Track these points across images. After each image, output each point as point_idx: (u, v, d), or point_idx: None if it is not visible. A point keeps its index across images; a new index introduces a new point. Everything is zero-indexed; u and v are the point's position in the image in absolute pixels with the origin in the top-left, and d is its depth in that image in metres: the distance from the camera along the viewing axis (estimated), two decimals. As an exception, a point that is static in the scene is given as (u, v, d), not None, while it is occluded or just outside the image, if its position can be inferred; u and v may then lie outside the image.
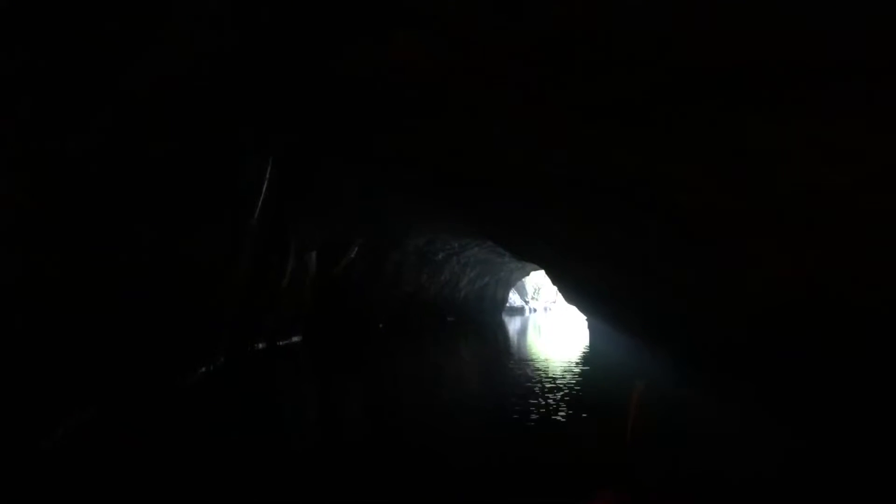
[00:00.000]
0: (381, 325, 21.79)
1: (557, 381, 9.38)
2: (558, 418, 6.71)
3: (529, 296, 53.16)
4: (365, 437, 6.07)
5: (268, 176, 9.26)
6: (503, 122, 7.06)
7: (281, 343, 14.09)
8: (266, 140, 8.43)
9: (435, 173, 11.85)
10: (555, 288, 52.51)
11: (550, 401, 7.76)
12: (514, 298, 47.98)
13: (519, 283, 47.73)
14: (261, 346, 12.91)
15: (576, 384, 9.27)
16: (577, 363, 12.43)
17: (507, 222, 14.53)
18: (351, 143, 10.90)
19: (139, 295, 6.03)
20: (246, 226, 8.92)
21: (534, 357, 13.41)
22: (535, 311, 52.21)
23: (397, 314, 23.24)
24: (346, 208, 16.25)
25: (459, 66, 5.85)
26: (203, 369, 8.59)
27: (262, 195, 9.29)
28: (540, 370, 10.78)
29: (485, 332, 24.12)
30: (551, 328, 27.49)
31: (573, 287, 20.34)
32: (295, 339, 15.08)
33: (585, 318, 29.36)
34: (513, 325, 30.71)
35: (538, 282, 52.88)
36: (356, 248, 19.15)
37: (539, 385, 9.02)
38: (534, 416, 6.74)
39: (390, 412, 7.40)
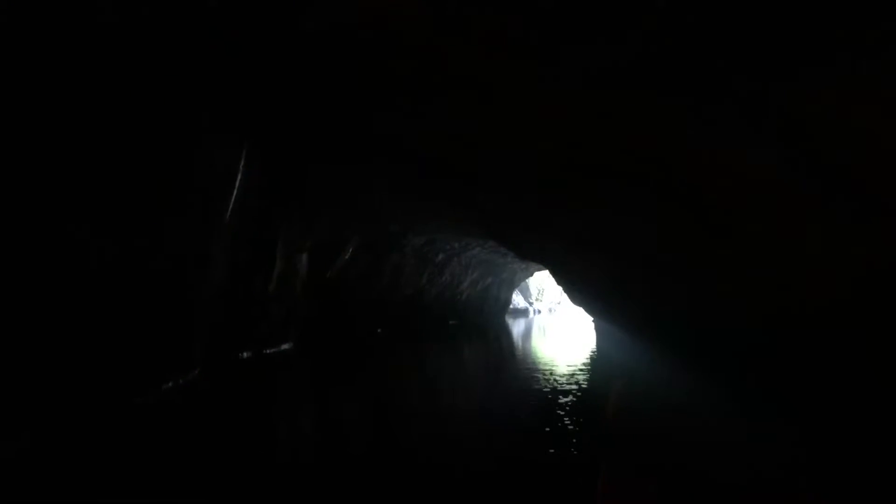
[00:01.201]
0: (379, 330, 20.89)
1: (566, 391, 8.46)
2: (570, 439, 5.81)
3: (533, 297, 52.19)
4: (351, 468, 5.14)
5: (242, 167, 8.34)
6: (504, 100, 6.14)
7: (269, 351, 13.18)
8: (235, 124, 7.50)
9: (432, 165, 10.95)
10: (559, 288, 51.56)
11: (561, 418, 6.85)
12: (517, 300, 47.02)
13: (522, 284, 46.78)
14: (246, 354, 12.00)
15: (585, 394, 8.35)
16: (584, 369, 11.49)
17: (509, 218, 13.62)
18: (340, 130, 9.97)
19: (74, 302, 5.12)
20: (218, 223, 8.01)
21: (540, 363, 12.48)
22: (539, 312, 51.24)
23: (396, 318, 22.33)
24: (340, 207, 15.33)
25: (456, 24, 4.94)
26: (170, 384, 7.67)
27: (237, 189, 8.37)
28: (547, 379, 9.86)
29: (488, 336, 23.23)
30: (556, 331, 26.55)
31: (580, 287, 19.41)
32: (285, 346, 14.17)
33: (592, 319, 28.42)
34: (517, 327, 29.79)
35: (542, 282, 51.93)
36: (351, 250, 18.24)
37: (547, 396, 8.11)
38: (544, 434, 5.86)
39: (385, 431, 6.47)
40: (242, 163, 8.37)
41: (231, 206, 8.39)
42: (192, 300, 7.77)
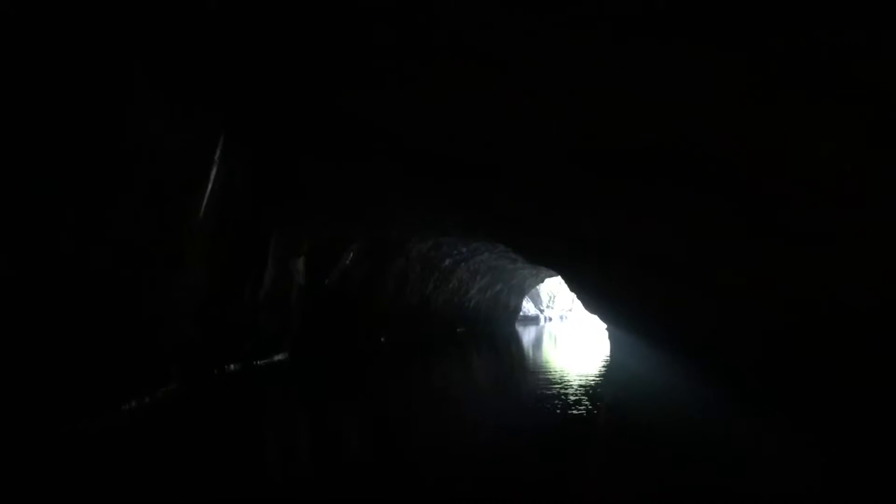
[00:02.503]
0: (382, 339, 19.94)
1: (581, 409, 7.45)
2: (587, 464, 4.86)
3: (544, 304, 51.02)
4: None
5: (218, 158, 7.44)
6: (504, 67, 5.19)
7: (260, 363, 12.27)
8: (202, 107, 6.57)
9: (432, 162, 10.03)
10: (571, 295, 50.29)
11: (573, 445, 5.87)
12: (527, 307, 45.91)
13: (533, 291, 45.65)
14: (234, 367, 11.09)
15: (600, 411, 7.37)
16: (600, 382, 10.48)
17: (518, 221, 12.65)
18: (333, 122, 9.04)
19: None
20: (188, 222, 7.09)
21: (553, 375, 11.45)
22: (550, 319, 50.07)
23: (401, 326, 21.36)
24: (339, 209, 14.41)
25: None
26: (132, 403, 6.75)
27: (212, 183, 7.47)
28: (561, 393, 8.84)
29: (498, 345, 22.27)
30: (569, 339, 25.49)
31: (594, 294, 18.38)
32: (279, 357, 13.26)
33: (606, 326, 27.33)
34: (527, 335, 28.77)
35: (553, 289, 50.78)
36: (352, 255, 17.34)
37: (561, 413, 7.13)
38: (558, 459, 4.90)
39: (375, 461, 5.51)
40: (218, 153, 7.47)
41: (205, 203, 7.49)
42: (157, 308, 6.86)
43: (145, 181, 5.90)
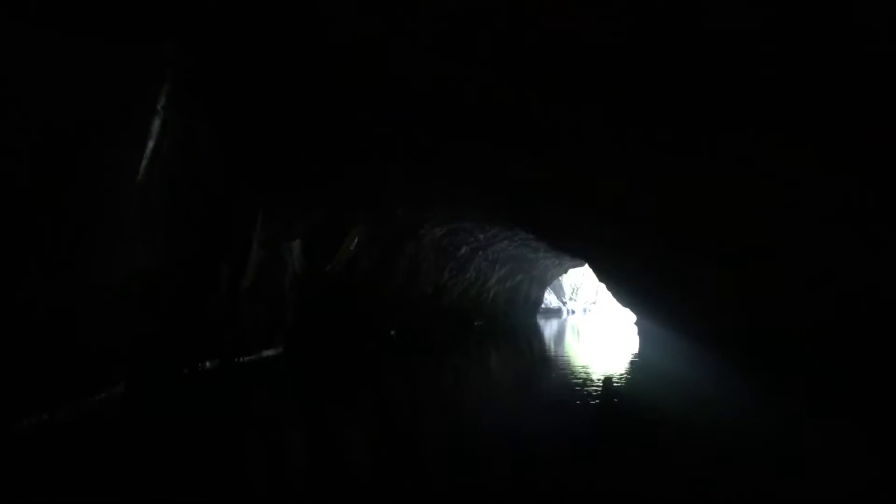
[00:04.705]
0: (392, 333, 18.40)
1: (612, 415, 5.76)
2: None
3: (567, 296, 49.02)
4: None
5: (162, 108, 5.82)
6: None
7: (244, 359, 10.74)
8: (126, 20, 4.89)
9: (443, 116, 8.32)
10: (596, 287, 48.12)
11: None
12: (549, 299, 43.97)
13: (555, 283, 43.67)
14: (209, 364, 9.57)
15: (642, 421, 5.67)
16: (635, 385, 8.76)
17: (546, 198, 10.91)
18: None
19: None
20: (118, 185, 5.49)
21: (578, 374, 9.71)
22: (573, 312, 48.10)
23: (413, 318, 19.77)
24: (341, 183, 12.74)
25: None
26: (43, 416, 5.21)
27: (154, 138, 5.86)
28: (588, 396, 7.12)
29: (518, 340, 20.69)
30: (594, 333, 23.68)
31: (626, 285, 16.57)
32: (269, 353, 11.73)
33: (635, 320, 25.46)
34: (549, 328, 27.06)
35: (576, 280, 48.76)
36: (357, 239, 15.73)
37: (591, 422, 5.47)
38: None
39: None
40: (163, 101, 5.85)
41: (146, 165, 5.89)
42: (71, 296, 5.29)
43: (29, 129, 4.26)
